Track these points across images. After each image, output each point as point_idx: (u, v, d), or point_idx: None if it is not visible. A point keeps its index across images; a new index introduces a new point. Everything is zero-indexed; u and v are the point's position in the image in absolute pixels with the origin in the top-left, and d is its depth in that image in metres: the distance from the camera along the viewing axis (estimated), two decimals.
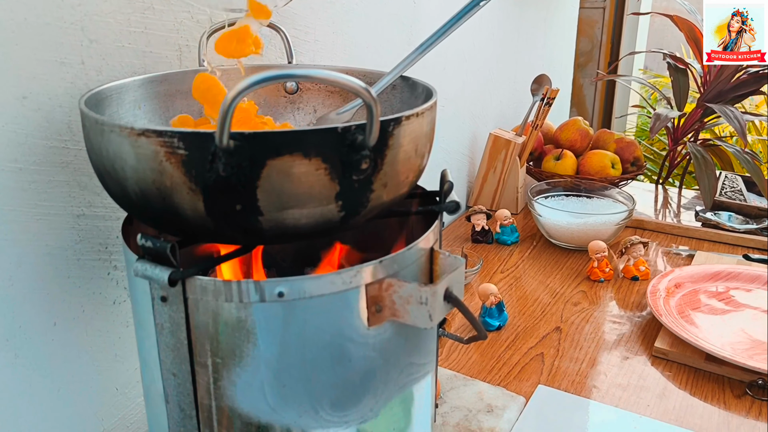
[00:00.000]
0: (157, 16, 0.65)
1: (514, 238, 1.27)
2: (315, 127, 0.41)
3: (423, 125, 0.48)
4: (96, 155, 0.46)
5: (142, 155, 0.42)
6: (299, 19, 0.85)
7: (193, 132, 0.40)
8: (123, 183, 0.45)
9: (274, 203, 0.42)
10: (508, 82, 1.62)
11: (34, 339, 0.60)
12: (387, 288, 0.48)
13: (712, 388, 0.84)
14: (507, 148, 1.37)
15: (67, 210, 0.60)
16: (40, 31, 0.55)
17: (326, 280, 0.45)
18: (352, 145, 0.42)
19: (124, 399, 0.70)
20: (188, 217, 0.44)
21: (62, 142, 0.58)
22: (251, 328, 0.46)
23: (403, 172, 0.48)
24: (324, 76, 0.39)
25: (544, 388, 0.83)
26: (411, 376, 0.54)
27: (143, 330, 0.51)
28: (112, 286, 0.66)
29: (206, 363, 0.47)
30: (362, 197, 0.45)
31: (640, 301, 1.05)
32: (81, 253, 0.62)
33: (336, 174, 0.43)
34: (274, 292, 0.45)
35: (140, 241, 0.45)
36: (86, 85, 0.59)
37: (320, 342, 0.47)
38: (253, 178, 0.41)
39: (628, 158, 1.42)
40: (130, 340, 0.69)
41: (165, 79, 0.61)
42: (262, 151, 0.40)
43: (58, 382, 0.63)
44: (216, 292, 0.45)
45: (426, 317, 0.47)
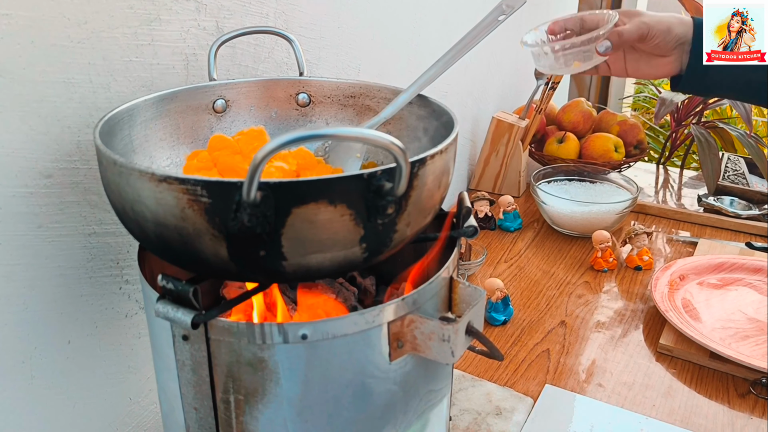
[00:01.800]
0: (164, 26, 0.63)
1: (517, 224, 1.27)
2: (340, 175, 0.40)
3: (447, 160, 0.47)
4: (114, 194, 0.45)
5: (164, 201, 0.41)
6: (304, 16, 0.83)
7: (217, 181, 0.39)
8: (142, 224, 0.44)
9: (298, 249, 0.42)
10: (509, 62, 1.60)
11: (49, 359, 0.60)
12: (409, 324, 0.48)
13: (716, 386, 0.85)
14: (510, 132, 1.36)
15: (79, 230, 0.59)
16: (47, 52, 0.53)
17: (349, 320, 0.45)
18: (378, 191, 0.41)
19: (138, 408, 0.70)
20: (210, 260, 0.43)
21: (71, 162, 0.57)
22: (274, 367, 0.46)
23: (426, 208, 0.47)
24: (356, 135, 0.38)
25: (550, 387, 0.84)
26: (429, 402, 0.54)
27: (162, 362, 0.51)
28: (123, 300, 0.66)
29: (228, 399, 0.47)
30: (386, 238, 0.45)
31: (643, 293, 1.06)
32: (93, 270, 0.62)
33: (361, 219, 0.42)
34: (298, 334, 0.44)
35: (161, 282, 0.44)
36: (94, 103, 0.58)
37: (343, 379, 0.47)
38: (278, 226, 0.40)
39: (632, 141, 1.42)
40: (142, 351, 0.69)
41: (175, 97, 0.59)
42: (288, 200, 0.40)
43: (74, 397, 0.63)
44: (239, 333, 0.45)
45: (448, 354, 0.47)
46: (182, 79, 0.66)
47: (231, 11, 0.70)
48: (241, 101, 0.64)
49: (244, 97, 0.64)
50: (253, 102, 0.63)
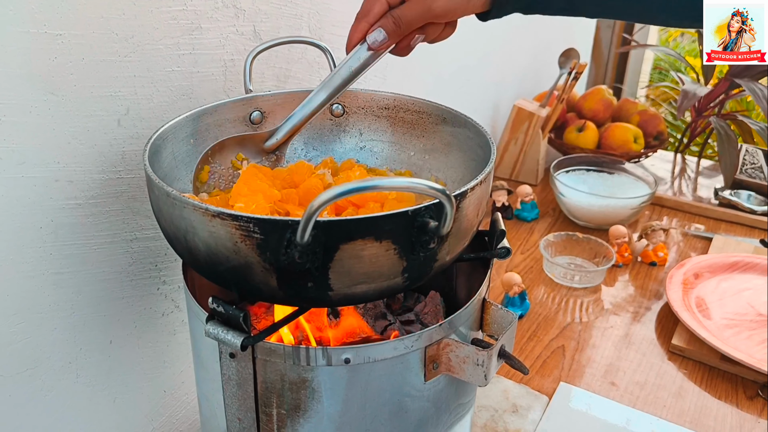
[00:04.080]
0: (204, 34, 0.64)
1: (534, 214, 1.28)
2: (386, 213, 0.42)
3: (485, 189, 0.49)
4: (165, 221, 0.47)
5: (216, 234, 0.43)
6: (335, 14, 0.83)
7: (269, 219, 0.41)
8: (194, 252, 0.46)
9: (344, 281, 0.44)
10: (529, 46, 1.59)
11: (92, 358, 0.62)
12: (444, 347, 0.50)
13: (726, 388, 0.88)
14: (530, 120, 1.36)
15: (121, 236, 0.61)
16: (96, 68, 0.54)
17: (389, 346, 0.47)
18: (422, 227, 0.43)
19: (171, 399, 0.74)
20: (259, 288, 0.45)
21: (116, 173, 0.59)
22: (316, 387, 0.48)
23: (466, 235, 0.49)
24: (404, 185, 0.40)
25: (565, 386, 0.87)
26: (458, 415, 0.57)
27: (206, 373, 0.53)
28: (161, 300, 0.68)
29: (271, 413, 0.50)
30: (427, 267, 0.46)
31: (657, 289, 1.08)
32: (134, 274, 0.64)
33: (405, 253, 0.44)
34: (341, 358, 0.47)
35: (212, 304, 0.46)
36: (138, 114, 0.59)
37: (380, 398, 0.49)
38: (326, 261, 0.42)
39: (651, 132, 1.42)
40: (176, 346, 0.72)
41: (215, 111, 0.61)
42: (336, 237, 0.41)
43: (114, 393, 0.66)
44: (285, 355, 0.47)
45: (482, 377, 0.49)
46: (220, 85, 0.67)
47: (267, 14, 0.71)
48: (277, 112, 0.65)
49: (280, 108, 0.65)
50: (289, 112, 0.64)
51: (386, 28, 0.55)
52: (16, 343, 0.55)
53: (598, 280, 1.08)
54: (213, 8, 0.63)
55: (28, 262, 0.54)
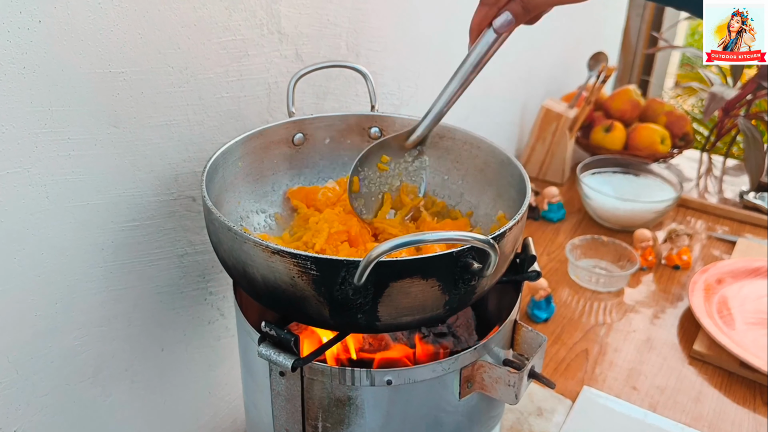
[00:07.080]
0: (251, 60, 0.67)
1: (561, 215, 1.31)
2: (434, 255, 0.45)
3: (521, 226, 0.52)
4: (225, 252, 0.51)
5: (275, 269, 0.46)
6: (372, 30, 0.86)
7: (326, 259, 0.45)
8: (252, 282, 0.49)
9: (391, 313, 0.47)
10: (560, 43, 1.59)
11: (146, 365, 0.67)
12: (479, 368, 0.53)
13: (744, 393, 0.91)
14: (558, 122, 1.38)
15: (173, 252, 0.65)
16: (154, 100, 0.58)
17: (429, 368, 0.51)
18: (465, 267, 0.46)
19: (216, 399, 0.78)
20: (312, 316, 0.49)
21: (170, 194, 0.63)
22: (360, 404, 0.52)
23: (501, 269, 0.52)
24: (448, 237, 0.43)
25: (588, 390, 0.90)
26: (489, 426, 0.60)
27: (255, 384, 0.58)
28: (207, 309, 0.72)
29: (317, 425, 0.54)
30: (467, 299, 0.50)
31: (680, 293, 1.10)
32: (184, 286, 0.68)
33: (448, 288, 0.47)
34: (384, 380, 0.50)
35: (264, 328, 0.50)
36: (190, 139, 0.63)
37: (418, 414, 0.53)
38: (376, 297, 0.46)
39: (678, 133, 1.43)
40: (221, 350, 0.76)
41: (261, 134, 0.64)
42: (387, 275, 0.45)
43: (164, 395, 0.71)
44: (331, 375, 0.51)
45: (513, 397, 0.53)
46: (264, 106, 0.70)
47: (309, 37, 0.74)
48: (318, 134, 0.68)
49: (321, 131, 0.68)
50: (329, 134, 0.67)
51: (514, 11, 0.55)
52: (81, 354, 0.59)
53: (621, 284, 1.11)
54: (259, 35, 0.67)
55: (92, 280, 0.58)
